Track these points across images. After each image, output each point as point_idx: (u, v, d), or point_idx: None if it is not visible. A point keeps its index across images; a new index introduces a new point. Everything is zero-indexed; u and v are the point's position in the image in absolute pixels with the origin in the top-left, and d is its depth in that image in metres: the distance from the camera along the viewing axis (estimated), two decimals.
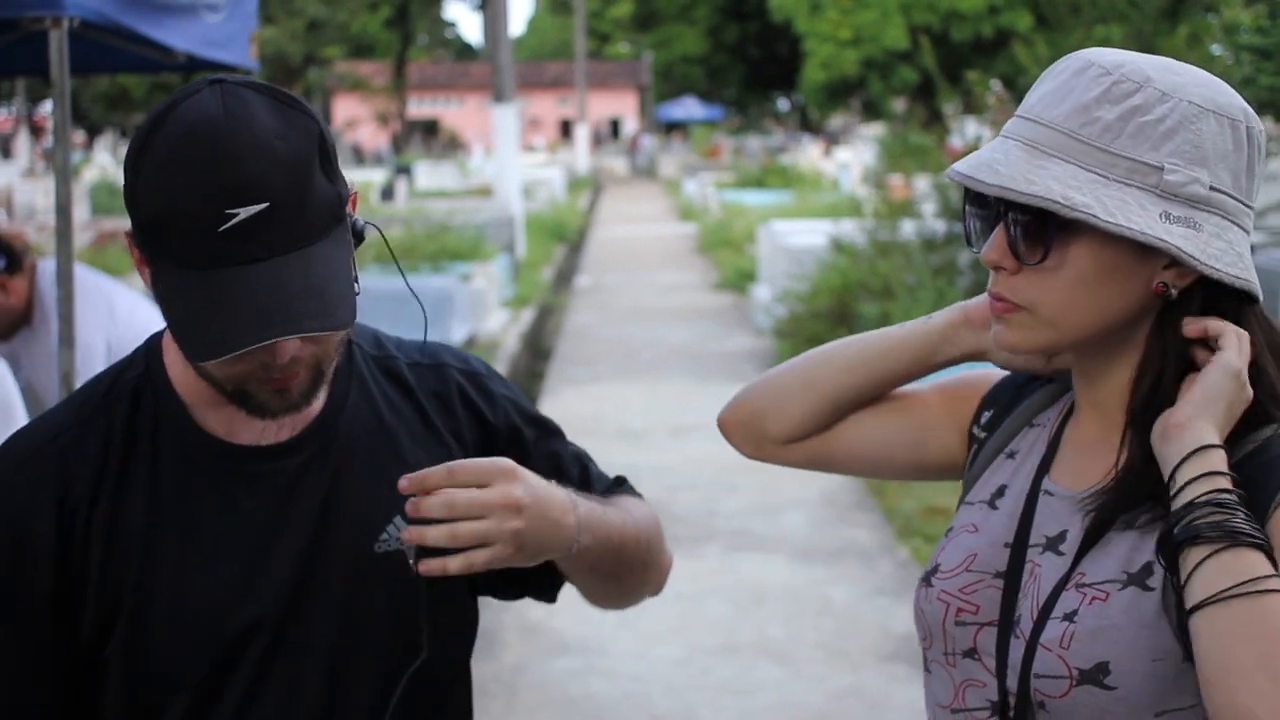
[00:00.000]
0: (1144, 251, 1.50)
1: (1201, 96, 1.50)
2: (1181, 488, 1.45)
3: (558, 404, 11.28)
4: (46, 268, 4.13)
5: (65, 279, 3.88)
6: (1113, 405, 1.60)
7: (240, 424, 1.70)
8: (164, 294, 1.57)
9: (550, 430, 1.96)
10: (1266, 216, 9.78)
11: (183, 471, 1.68)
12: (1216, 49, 10.41)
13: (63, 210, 3.96)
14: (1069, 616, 1.52)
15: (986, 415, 1.77)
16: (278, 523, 1.70)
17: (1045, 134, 1.50)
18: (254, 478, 1.70)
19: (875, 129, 28.43)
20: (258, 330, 1.51)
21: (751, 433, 1.95)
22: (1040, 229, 1.50)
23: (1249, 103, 1.57)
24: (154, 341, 1.75)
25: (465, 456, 1.80)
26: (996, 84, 15.24)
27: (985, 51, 33.60)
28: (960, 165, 1.54)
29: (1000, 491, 1.68)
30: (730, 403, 1.96)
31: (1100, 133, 1.49)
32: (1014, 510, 1.65)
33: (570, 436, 2.01)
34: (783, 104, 67.81)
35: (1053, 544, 1.59)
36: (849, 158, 32.45)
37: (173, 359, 1.71)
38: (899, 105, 32.86)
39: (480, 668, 5.70)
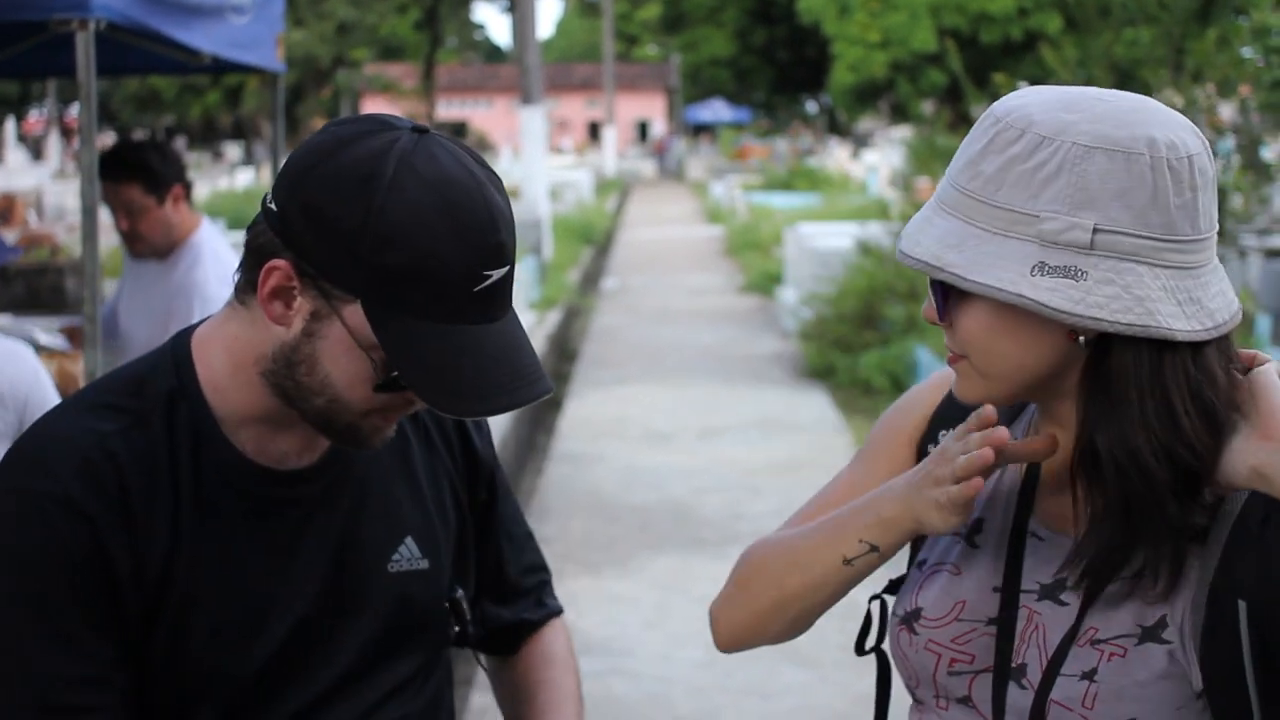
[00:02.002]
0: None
1: (1091, 135, 1.42)
2: None
3: (584, 406, 11.29)
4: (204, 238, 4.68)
5: (91, 280, 3.90)
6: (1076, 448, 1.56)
7: (268, 444, 1.71)
8: (400, 343, 1.56)
9: (508, 490, 2.06)
10: None
11: (220, 488, 1.68)
12: (1247, 51, 10.34)
13: (89, 211, 3.98)
14: (1089, 675, 1.51)
15: (947, 434, 1.66)
16: (309, 542, 1.73)
17: (947, 191, 1.50)
18: (283, 500, 1.72)
19: (903, 132, 28.36)
20: (517, 391, 1.58)
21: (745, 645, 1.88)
22: (942, 288, 1.52)
23: (1279, 107, 1.52)
24: (182, 352, 1.71)
25: (456, 481, 1.89)
26: (1024, 86, 15.16)
27: (1014, 54, 33.46)
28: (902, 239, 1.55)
29: (978, 527, 1.64)
30: (717, 628, 1.88)
31: (983, 186, 1.45)
32: (997, 551, 1.62)
33: (596, 439, 2.08)
34: (811, 106, 67.73)
35: (1050, 592, 1.57)
36: (877, 160, 32.41)
37: (206, 371, 1.69)
38: (927, 108, 32.75)
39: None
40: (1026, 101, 1.48)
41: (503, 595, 2.03)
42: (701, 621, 6.49)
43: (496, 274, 1.56)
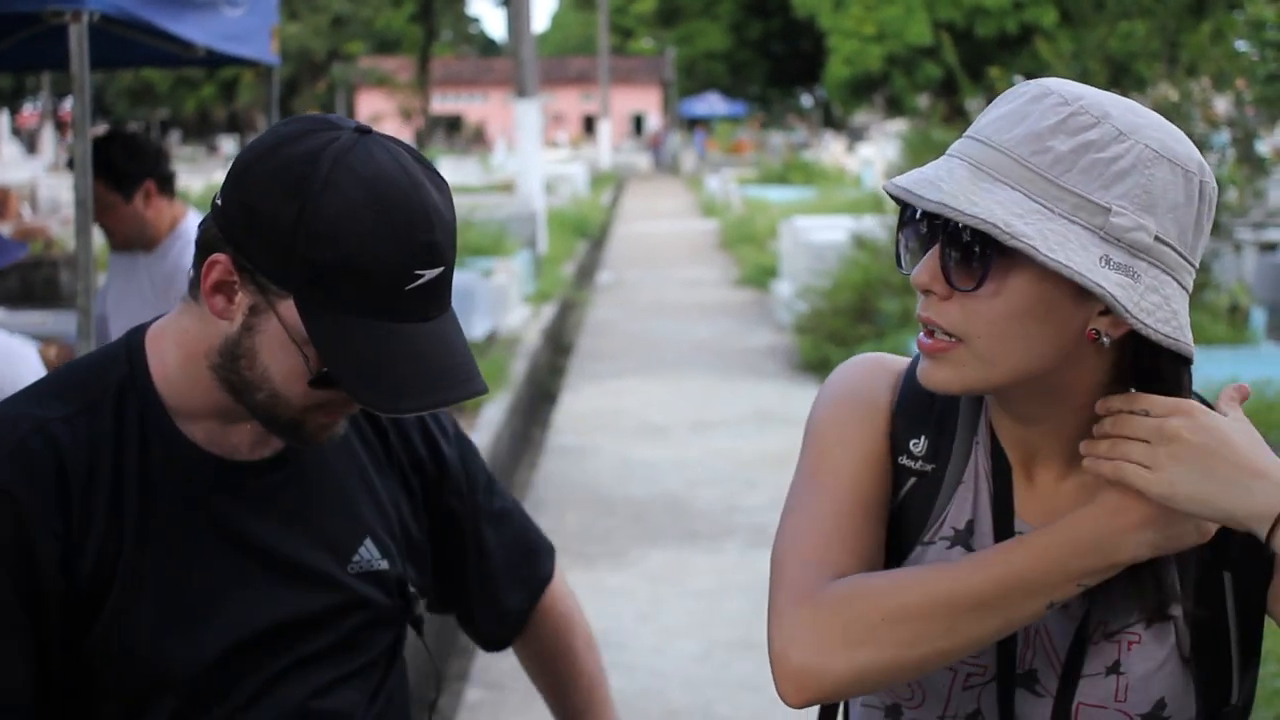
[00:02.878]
0: (1080, 294, 1.41)
1: (1159, 142, 1.42)
2: None
3: (579, 399, 11.29)
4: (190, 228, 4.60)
5: (84, 273, 3.89)
6: (1054, 447, 1.53)
7: (218, 436, 1.72)
8: (330, 339, 1.58)
9: (499, 490, 2.06)
10: None
11: (168, 477, 1.69)
12: (1241, 45, 10.35)
13: (82, 204, 3.97)
14: (1114, 669, 1.52)
15: (919, 443, 1.59)
16: (259, 536, 1.73)
17: (994, 157, 1.43)
18: (237, 491, 1.73)
19: (898, 125, 28.38)
20: (446, 389, 1.60)
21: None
22: (978, 254, 1.42)
23: (1275, 99, 1.53)
24: (136, 342, 1.74)
25: (420, 491, 1.90)
26: (1019, 80, 15.16)
27: (1009, 47, 33.47)
28: (900, 179, 1.45)
29: (970, 529, 1.58)
30: (809, 678, 1.47)
31: (1051, 163, 1.41)
32: None
33: (591, 432, 2.07)
34: (806, 100, 67.70)
35: None
36: (872, 154, 32.40)
37: (158, 363, 1.72)
38: (922, 101, 32.77)
39: (498, 663, 5.69)
40: (1091, 91, 1.45)
41: (497, 595, 2.05)
42: (696, 615, 6.53)
43: (430, 274, 1.58)
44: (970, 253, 1.43)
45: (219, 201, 1.63)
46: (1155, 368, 1.46)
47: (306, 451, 1.76)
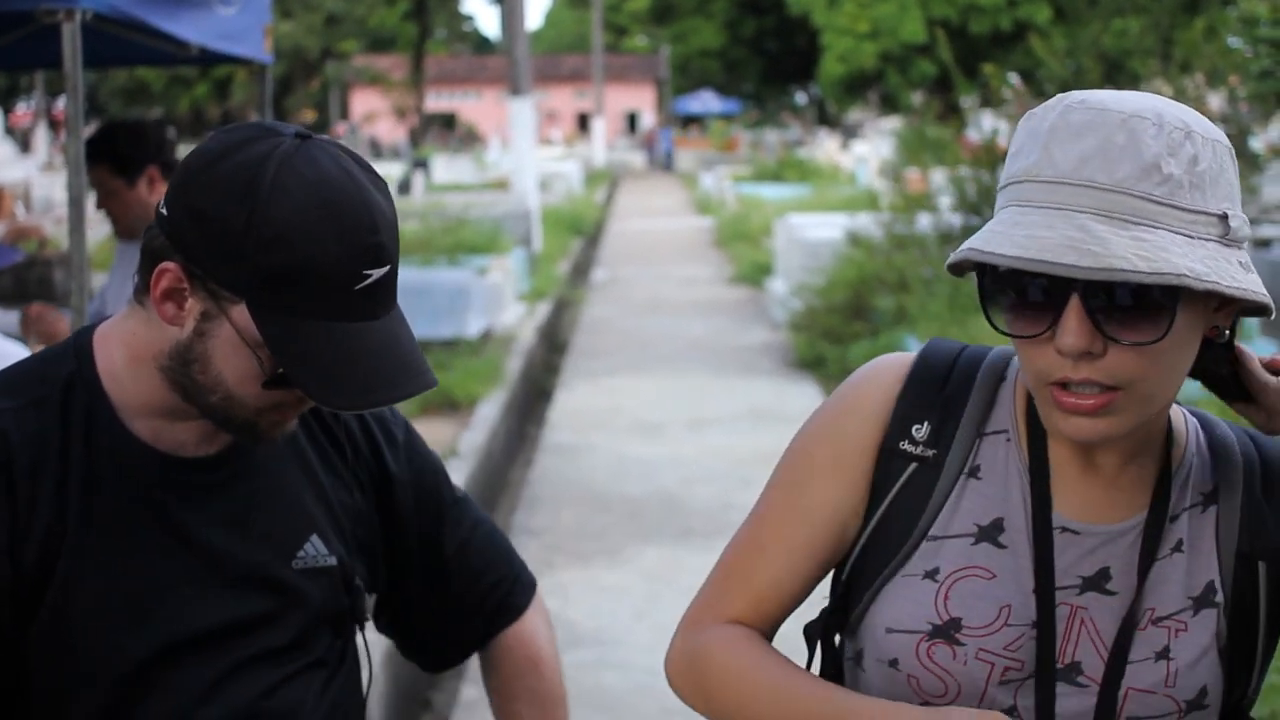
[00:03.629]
0: (1204, 300, 1.43)
1: (1206, 129, 1.43)
2: None
3: (574, 397, 11.29)
4: None
5: (78, 271, 3.89)
6: (1128, 439, 1.52)
7: (164, 433, 1.74)
8: (284, 341, 1.61)
9: (469, 512, 2.04)
10: None
11: (113, 472, 1.71)
12: (1234, 41, 10.36)
13: (75, 202, 3.97)
14: (1163, 654, 1.53)
15: (922, 428, 1.59)
16: (202, 532, 1.74)
17: (1117, 201, 1.37)
18: (182, 486, 1.74)
19: (892, 122, 28.40)
20: (401, 384, 1.64)
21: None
22: (1153, 306, 1.38)
23: (1268, 96, 1.54)
24: (84, 341, 1.76)
25: (370, 491, 1.90)
26: (1014, 77, 15.19)
27: (1003, 44, 33.50)
28: (1006, 248, 1.38)
29: (999, 526, 1.56)
30: (674, 684, 1.68)
31: (1173, 190, 1.38)
32: (1024, 549, 1.56)
33: (586, 430, 2.06)
34: (800, 97, 67.71)
35: (1093, 583, 1.55)
36: (866, 151, 32.40)
37: (105, 362, 1.73)
38: (916, 98, 32.79)
39: None
40: (1147, 103, 1.42)
41: (458, 612, 2.02)
42: None
43: (377, 273, 1.62)
44: (1140, 306, 1.39)
45: (164, 210, 1.65)
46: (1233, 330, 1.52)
47: (254, 448, 1.77)
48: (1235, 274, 1.40)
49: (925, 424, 1.59)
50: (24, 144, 41.53)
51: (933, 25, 29.77)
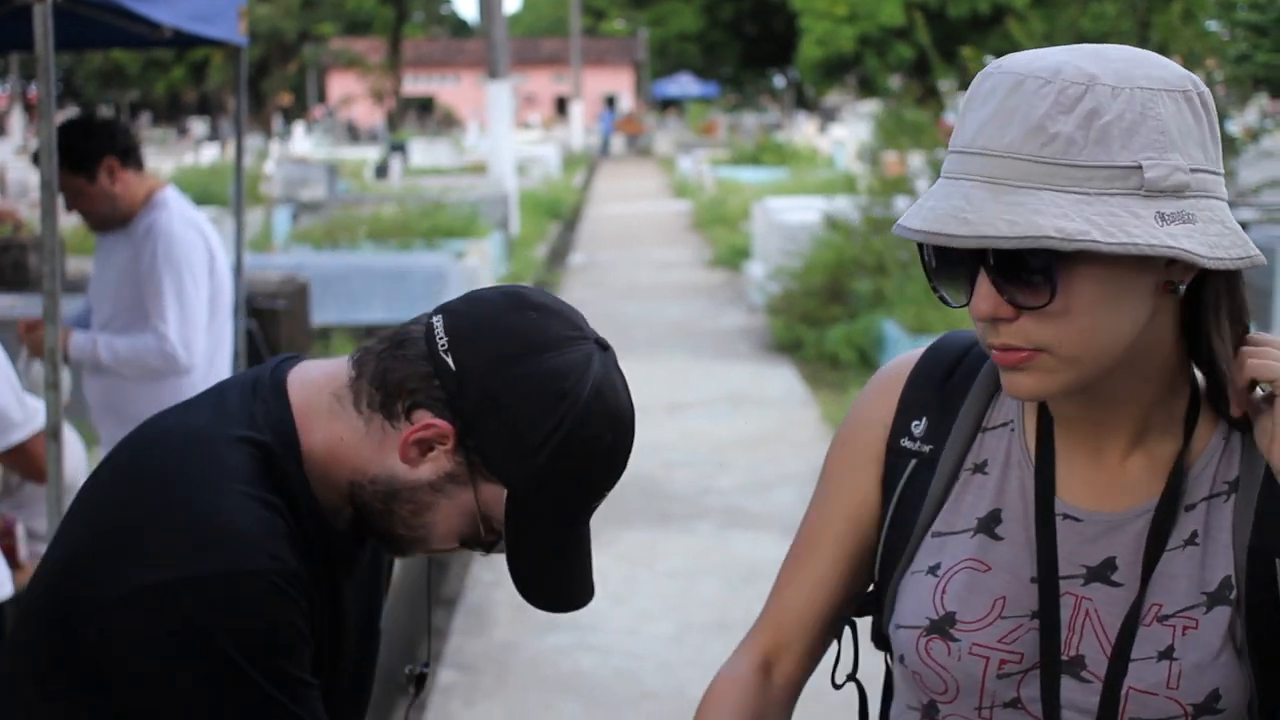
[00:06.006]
0: (1144, 259, 1.38)
1: (1147, 78, 1.37)
2: None
3: None
4: (167, 196, 4.69)
5: (50, 255, 3.86)
6: (1125, 426, 1.51)
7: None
8: (522, 535, 1.61)
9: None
10: (1262, 194, 9.76)
11: (328, 558, 1.64)
12: (1212, 24, 10.36)
13: (47, 186, 3.93)
14: (1167, 654, 1.47)
15: (920, 424, 1.60)
16: (365, 597, 1.78)
17: (1004, 165, 1.36)
18: (351, 562, 1.71)
19: (870, 106, 28.39)
20: (584, 593, 1.69)
21: None
22: (1037, 269, 1.37)
23: (1245, 80, 1.51)
24: (287, 433, 1.61)
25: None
26: (992, 59, 15.18)
27: (981, 28, 33.53)
28: (913, 222, 1.38)
29: (995, 517, 1.55)
30: None
31: (1064, 148, 1.35)
32: (1024, 538, 1.54)
33: None
34: (778, 81, 67.71)
35: (1099, 574, 1.51)
36: (844, 135, 32.41)
37: (312, 459, 1.61)
38: (894, 82, 32.82)
39: (471, 645, 5.69)
40: (1055, 57, 1.39)
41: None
42: (670, 597, 6.53)
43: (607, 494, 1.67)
44: (1026, 271, 1.38)
45: (451, 362, 1.56)
46: (1215, 286, 1.45)
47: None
48: (1138, 226, 1.34)
49: (924, 420, 1.60)
50: None
51: (911, 9, 29.80)
